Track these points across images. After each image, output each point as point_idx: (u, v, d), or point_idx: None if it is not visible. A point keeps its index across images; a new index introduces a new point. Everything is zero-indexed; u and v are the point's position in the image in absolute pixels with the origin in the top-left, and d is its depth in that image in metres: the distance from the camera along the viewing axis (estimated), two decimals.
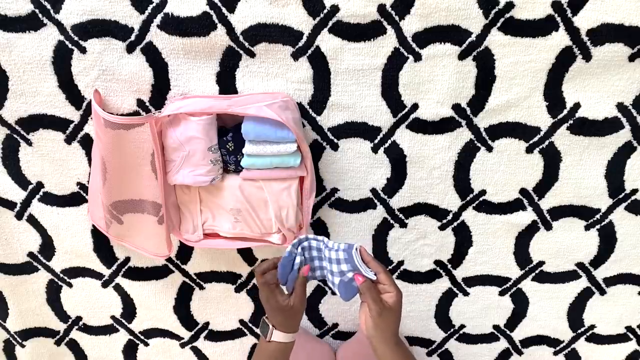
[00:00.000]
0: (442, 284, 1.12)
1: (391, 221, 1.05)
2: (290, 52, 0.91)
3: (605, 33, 0.88)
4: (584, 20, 0.87)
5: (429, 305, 1.14)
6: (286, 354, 0.82)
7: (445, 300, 1.13)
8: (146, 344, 1.20)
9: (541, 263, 1.09)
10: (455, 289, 1.12)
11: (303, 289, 0.80)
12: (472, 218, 1.04)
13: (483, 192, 1.02)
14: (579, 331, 1.16)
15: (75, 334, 1.18)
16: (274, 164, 0.91)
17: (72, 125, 0.96)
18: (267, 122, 0.87)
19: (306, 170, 0.94)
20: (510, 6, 0.87)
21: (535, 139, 0.97)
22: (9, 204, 1.04)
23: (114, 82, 0.93)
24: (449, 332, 1.17)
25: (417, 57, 0.91)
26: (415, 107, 0.95)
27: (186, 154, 0.90)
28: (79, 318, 1.16)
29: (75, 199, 1.03)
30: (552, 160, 0.99)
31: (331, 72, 0.93)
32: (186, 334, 1.18)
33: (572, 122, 0.96)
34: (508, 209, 1.04)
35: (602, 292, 1.11)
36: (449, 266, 1.10)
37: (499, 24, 0.88)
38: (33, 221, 1.05)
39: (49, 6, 0.87)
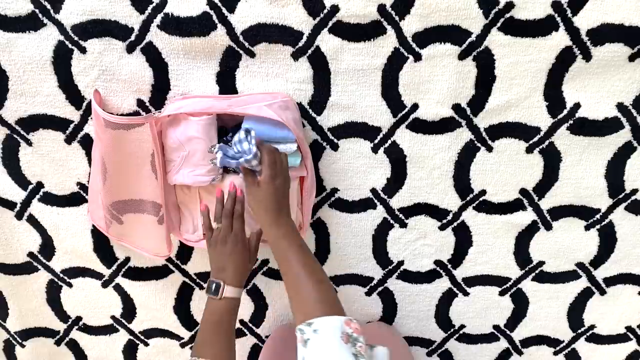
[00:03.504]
0: (442, 284, 1.12)
1: (391, 221, 1.05)
2: (290, 52, 0.91)
3: (605, 33, 0.88)
4: (584, 20, 0.87)
5: (429, 305, 1.14)
6: (236, 309, 0.88)
7: (445, 300, 1.13)
8: (146, 344, 1.20)
9: (541, 263, 1.09)
10: (455, 289, 1.12)
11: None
12: (472, 218, 1.05)
13: (483, 192, 1.02)
14: (579, 331, 1.16)
15: (75, 334, 1.18)
16: None
17: (72, 125, 0.96)
18: (267, 122, 0.87)
19: (306, 171, 0.94)
20: (510, 6, 0.87)
21: (535, 139, 0.97)
22: (9, 204, 1.04)
23: (114, 82, 0.93)
24: (449, 332, 1.17)
25: (417, 57, 0.91)
26: (415, 107, 0.95)
27: (186, 154, 0.90)
28: (79, 318, 1.16)
29: (75, 199, 1.03)
30: (552, 160, 0.99)
31: (331, 72, 0.93)
32: (186, 334, 1.18)
33: (572, 122, 0.96)
34: (508, 209, 1.04)
35: (602, 292, 1.11)
36: (449, 266, 1.10)
37: (499, 24, 0.88)
38: (33, 221, 1.05)
39: (49, 6, 0.87)
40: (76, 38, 0.89)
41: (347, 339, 0.67)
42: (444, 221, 1.05)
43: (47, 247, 1.08)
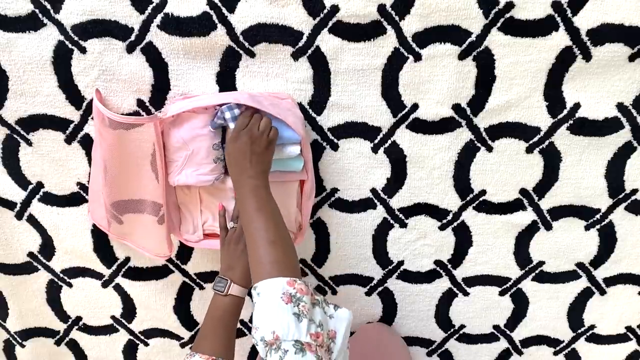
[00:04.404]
0: (442, 284, 1.12)
1: (391, 221, 1.05)
2: (290, 52, 0.91)
3: (605, 33, 0.88)
4: (584, 20, 0.87)
5: (429, 305, 1.14)
6: (239, 308, 0.89)
7: (445, 300, 1.13)
8: (146, 344, 1.20)
9: (541, 263, 1.09)
10: (455, 289, 1.12)
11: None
12: (472, 218, 1.05)
13: (483, 192, 1.02)
14: (579, 331, 1.16)
15: (75, 334, 1.18)
16: (276, 168, 0.91)
17: (72, 125, 0.96)
18: (273, 122, 0.87)
19: (307, 174, 0.94)
20: (510, 6, 0.87)
21: (535, 139, 0.97)
22: (9, 204, 1.04)
23: (114, 82, 0.93)
24: (449, 332, 1.17)
25: (417, 57, 0.91)
26: (415, 107, 0.95)
27: (190, 153, 0.90)
28: (79, 318, 1.16)
29: (75, 199, 1.03)
30: (552, 160, 0.99)
31: (331, 72, 0.93)
32: (186, 334, 1.18)
33: (572, 122, 0.96)
34: (508, 209, 1.04)
35: (602, 292, 1.11)
36: (449, 266, 1.10)
37: (499, 24, 0.88)
38: (33, 221, 1.05)
39: (49, 6, 0.87)
40: (76, 38, 0.89)
41: (288, 299, 0.67)
42: (444, 221, 1.05)
43: (47, 247, 1.08)
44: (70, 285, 1.12)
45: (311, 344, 0.64)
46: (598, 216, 1.04)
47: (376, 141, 0.98)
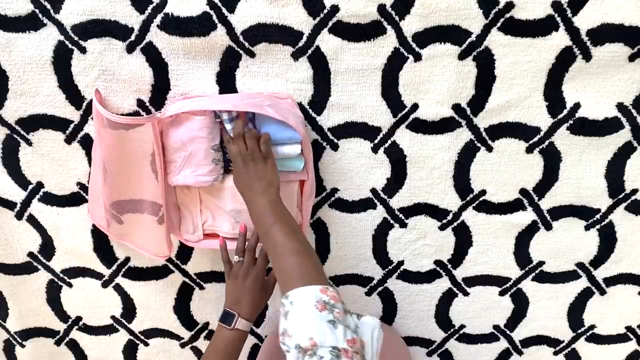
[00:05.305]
0: (442, 284, 1.12)
1: (391, 221, 1.05)
2: (290, 52, 0.91)
3: (605, 33, 0.88)
4: (584, 20, 0.87)
5: (429, 305, 1.14)
6: (243, 342, 0.92)
7: (445, 300, 1.13)
8: (146, 344, 1.20)
9: (541, 263, 1.09)
10: (455, 289, 1.12)
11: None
12: (472, 218, 1.04)
13: (483, 192, 1.02)
14: (579, 331, 1.16)
15: (75, 334, 1.18)
16: (277, 168, 0.91)
17: (72, 125, 0.96)
18: (274, 122, 0.87)
19: (307, 175, 0.94)
20: (510, 6, 0.87)
21: (535, 139, 0.97)
22: (9, 204, 1.04)
23: (114, 82, 0.93)
24: (449, 332, 1.17)
25: (417, 57, 0.91)
26: (415, 107, 0.95)
27: (188, 154, 0.90)
28: (79, 318, 1.16)
29: (75, 199, 1.03)
30: (552, 160, 0.99)
31: (331, 72, 0.93)
32: (186, 334, 1.18)
33: (572, 122, 0.96)
34: (508, 209, 1.04)
35: (602, 292, 1.11)
36: (449, 266, 1.10)
37: (499, 24, 0.88)
38: (33, 221, 1.05)
39: (49, 6, 0.87)
40: (76, 38, 0.89)
41: (322, 306, 0.68)
42: (444, 221, 1.05)
43: (47, 247, 1.08)
44: (70, 285, 1.12)
45: (348, 350, 0.64)
46: (598, 216, 1.04)
47: (376, 141, 0.98)
